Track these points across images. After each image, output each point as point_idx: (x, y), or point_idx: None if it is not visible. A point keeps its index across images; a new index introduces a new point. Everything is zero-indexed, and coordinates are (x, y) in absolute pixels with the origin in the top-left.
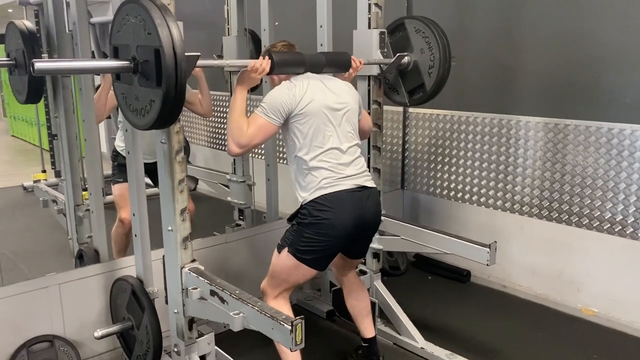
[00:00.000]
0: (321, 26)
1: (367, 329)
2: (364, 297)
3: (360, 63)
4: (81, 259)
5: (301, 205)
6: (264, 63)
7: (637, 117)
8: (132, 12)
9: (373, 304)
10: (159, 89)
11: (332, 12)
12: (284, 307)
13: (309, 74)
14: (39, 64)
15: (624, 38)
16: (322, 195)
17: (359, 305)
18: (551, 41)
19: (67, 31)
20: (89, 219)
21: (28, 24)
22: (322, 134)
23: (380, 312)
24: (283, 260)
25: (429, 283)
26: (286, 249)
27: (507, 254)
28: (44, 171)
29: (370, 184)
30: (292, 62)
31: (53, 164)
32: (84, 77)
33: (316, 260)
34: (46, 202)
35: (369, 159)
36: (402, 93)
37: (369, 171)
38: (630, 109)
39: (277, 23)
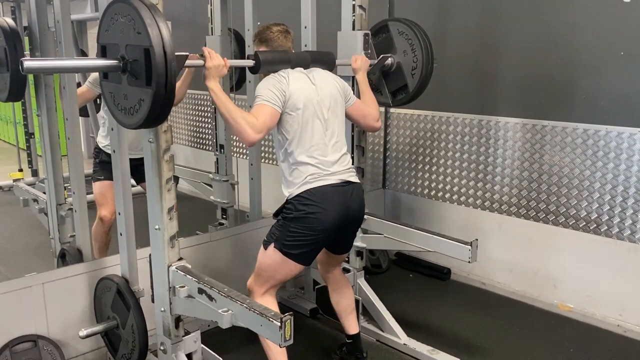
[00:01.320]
0: (305, 27)
1: (351, 326)
2: (349, 294)
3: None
4: (63, 259)
5: (287, 200)
6: (220, 62)
7: (611, 119)
8: (121, 12)
9: (356, 301)
10: (149, 88)
11: (316, 13)
12: (272, 305)
13: (297, 68)
14: (28, 63)
15: (599, 42)
16: (307, 190)
17: (343, 302)
18: (529, 44)
19: (49, 29)
20: (72, 218)
21: (10, 21)
22: (310, 129)
23: (363, 310)
24: (270, 256)
25: (410, 281)
26: (272, 244)
27: (486, 252)
28: (20, 170)
29: (354, 179)
30: (277, 61)
31: (30, 162)
32: (68, 76)
33: (302, 255)
34: (26, 201)
35: (352, 158)
36: (385, 94)
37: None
38: (605, 110)
39: (259, 23)
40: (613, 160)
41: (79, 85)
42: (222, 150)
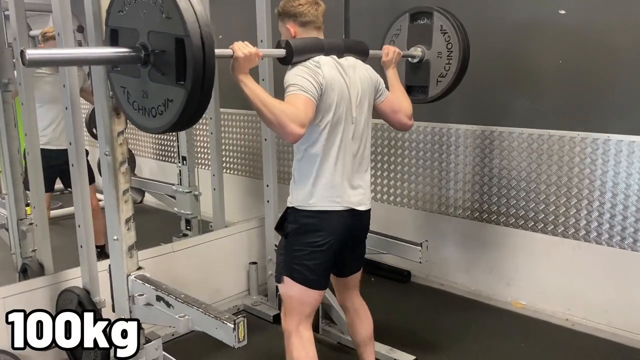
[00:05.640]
0: (261, 41)
1: (369, 357)
2: (369, 324)
3: (394, 52)
4: (25, 273)
5: (289, 209)
6: (252, 50)
7: (552, 123)
8: None
9: None
10: (181, 87)
11: (271, 28)
12: (308, 341)
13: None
14: (32, 55)
15: (541, 52)
16: (314, 211)
17: (363, 333)
18: (477, 55)
19: (8, 46)
20: (33, 233)
21: None
22: (339, 132)
23: (324, 313)
24: (286, 288)
25: (371, 284)
26: (284, 275)
27: (443, 254)
28: None
29: (367, 206)
30: (310, 49)
31: None
32: (26, 91)
33: (314, 275)
34: None
35: None
36: None
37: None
38: (545, 115)
39: (220, 36)
40: (556, 162)
41: None
42: (185, 162)
